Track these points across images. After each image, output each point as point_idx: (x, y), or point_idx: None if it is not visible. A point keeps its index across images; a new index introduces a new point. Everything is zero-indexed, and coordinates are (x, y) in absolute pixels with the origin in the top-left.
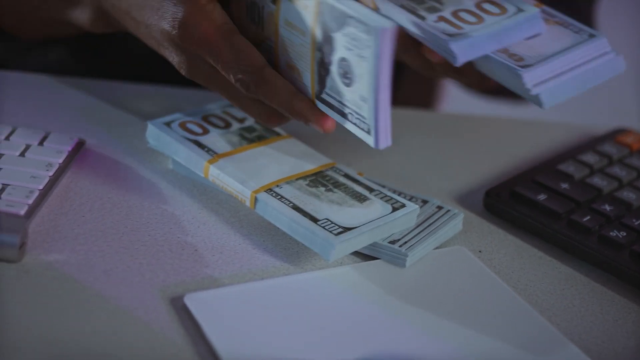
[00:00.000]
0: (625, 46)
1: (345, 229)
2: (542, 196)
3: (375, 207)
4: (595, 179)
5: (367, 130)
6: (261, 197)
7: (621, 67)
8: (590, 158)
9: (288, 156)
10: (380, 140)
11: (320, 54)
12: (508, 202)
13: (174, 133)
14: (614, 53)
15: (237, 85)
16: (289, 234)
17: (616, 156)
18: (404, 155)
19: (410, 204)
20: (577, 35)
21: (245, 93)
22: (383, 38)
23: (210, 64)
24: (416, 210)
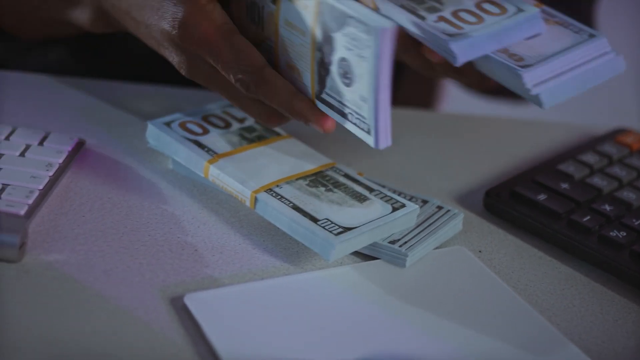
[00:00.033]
0: (625, 46)
1: (345, 229)
2: (542, 196)
3: (375, 207)
4: (595, 179)
5: (367, 131)
6: (261, 197)
7: (621, 67)
8: (590, 158)
9: (288, 156)
10: (380, 140)
11: (320, 54)
12: (508, 202)
13: (174, 133)
14: (614, 53)
15: (237, 85)
16: (289, 234)
17: (616, 156)
18: (404, 155)
19: (410, 204)
20: (577, 35)
21: (245, 93)
22: (383, 38)
23: (210, 64)
24: (416, 210)
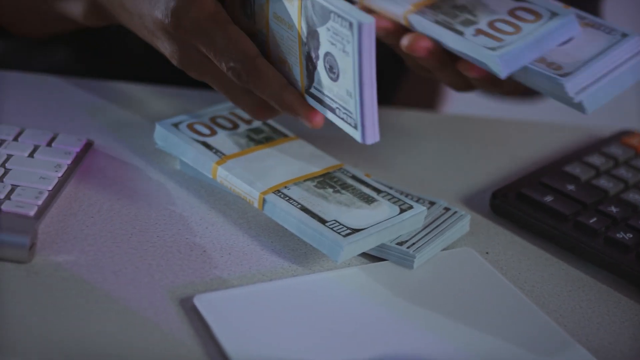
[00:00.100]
0: None
1: (353, 230)
2: (549, 198)
3: (383, 209)
4: (601, 181)
5: (354, 125)
6: (269, 199)
7: None
8: (596, 160)
9: (296, 158)
10: (367, 135)
11: (307, 48)
12: (514, 204)
13: (181, 134)
14: None
15: (229, 74)
16: (297, 235)
17: (622, 158)
18: (411, 157)
19: (417, 205)
20: (610, 36)
21: (237, 82)
22: (363, 33)
23: (202, 54)
24: (424, 212)
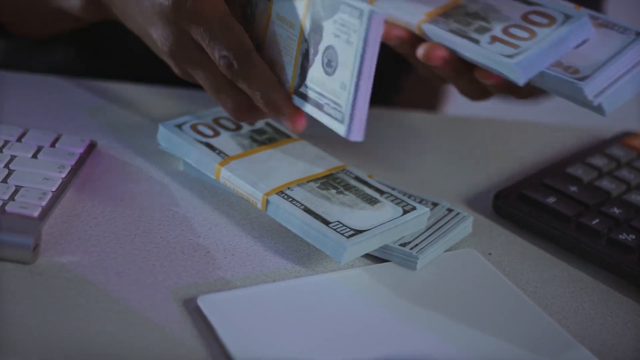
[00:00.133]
0: None
1: (356, 231)
2: (551, 199)
3: (386, 210)
4: (604, 182)
5: (341, 120)
6: (272, 200)
7: None
8: (598, 161)
9: (299, 159)
10: (353, 130)
11: (306, 45)
12: (517, 205)
13: (185, 135)
14: None
15: (221, 63)
16: (300, 236)
17: (624, 159)
18: (413, 158)
19: (420, 206)
20: (624, 35)
21: (227, 73)
22: (373, 22)
23: (195, 42)
24: (427, 213)
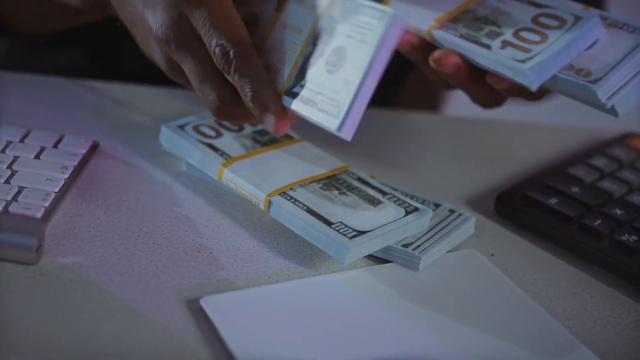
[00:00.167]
0: None
1: (359, 232)
2: (553, 200)
3: (389, 211)
4: (605, 183)
5: (336, 115)
6: (275, 200)
7: None
8: (600, 162)
9: (301, 159)
10: (345, 126)
11: (311, 48)
12: (519, 206)
13: (187, 136)
14: None
15: (216, 51)
16: (302, 237)
17: (626, 160)
18: (415, 159)
19: (423, 207)
20: (634, 35)
21: (219, 62)
22: (394, 24)
23: (192, 29)
24: (429, 214)
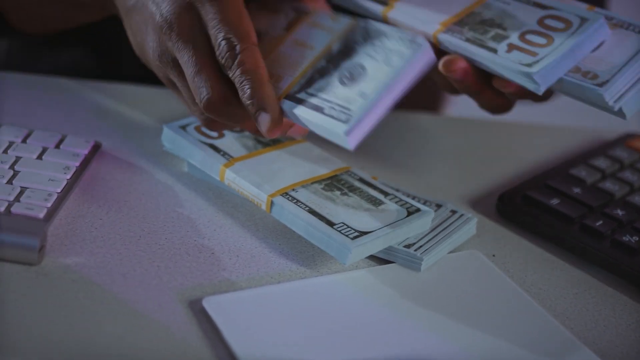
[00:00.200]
0: None
1: (361, 233)
2: (555, 200)
3: (391, 211)
4: (607, 184)
5: (345, 120)
6: (277, 201)
7: None
8: (601, 163)
9: (303, 160)
10: (353, 133)
11: (323, 63)
12: (521, 207)
13: (189, 136)
14: None
15: (222, 44)
16: (304, 238)
17: (627, 161)
18: (417, 160)
19: (425, 208)
20: None
21: (223, 56)
22: (424, 52)
23: (198, 21)
24: (431, 215)
